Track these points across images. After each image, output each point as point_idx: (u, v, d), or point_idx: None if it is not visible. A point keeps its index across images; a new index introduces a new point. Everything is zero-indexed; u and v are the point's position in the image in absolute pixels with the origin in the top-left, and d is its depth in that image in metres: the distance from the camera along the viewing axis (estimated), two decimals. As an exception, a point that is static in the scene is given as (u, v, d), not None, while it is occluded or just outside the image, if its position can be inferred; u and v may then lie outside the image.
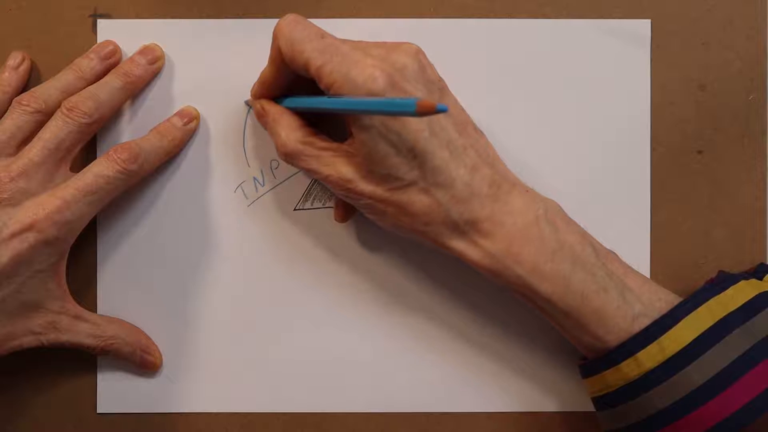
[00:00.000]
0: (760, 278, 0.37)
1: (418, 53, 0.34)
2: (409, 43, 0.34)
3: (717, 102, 0.41)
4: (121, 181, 0.37)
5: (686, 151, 0.41)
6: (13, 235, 0.35)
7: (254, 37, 0.40)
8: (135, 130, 0.40)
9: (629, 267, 0.36)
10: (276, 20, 0.40)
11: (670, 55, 0.41)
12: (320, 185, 0.41)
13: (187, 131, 0.40)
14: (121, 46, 0.40)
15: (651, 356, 0.33)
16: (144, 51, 0.40)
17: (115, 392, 0.41)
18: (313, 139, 0.36)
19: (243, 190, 0.41)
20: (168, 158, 0.39)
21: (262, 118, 0.37)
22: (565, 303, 0.34)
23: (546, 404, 0.41)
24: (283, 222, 0.41)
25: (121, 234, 0.41)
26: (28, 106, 0.37)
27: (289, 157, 0.36)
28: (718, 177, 0.41)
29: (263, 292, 0.41)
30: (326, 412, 0.41)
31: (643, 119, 0.41)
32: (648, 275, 0.41)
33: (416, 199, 0.34)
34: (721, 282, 0.36)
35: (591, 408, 0.41)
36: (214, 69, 0.41)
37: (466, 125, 0.35)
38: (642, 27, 0.41)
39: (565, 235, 0.34)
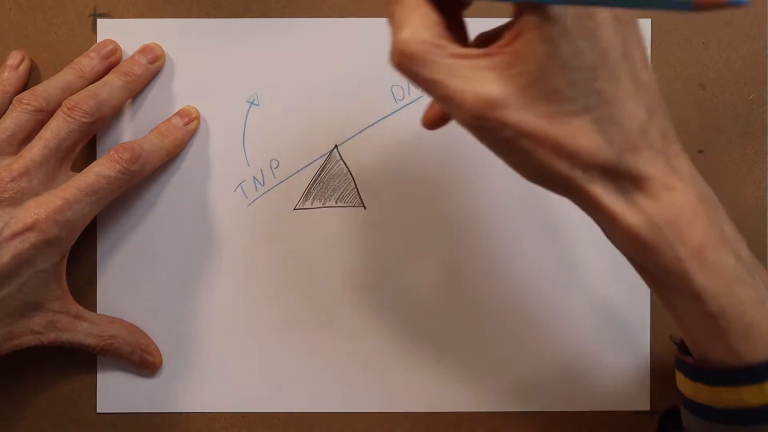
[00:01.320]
0: None
1: None
2: None
3: (717, 102, 0.41)
4: (123, 181, 0.37)
5: (687, 149, 0.40)
6: (15, 235, 0.35)
7: (254, 36, 0.40)
8: (135, 129, 0.40)
9: None
10: (276, 20, 0.40)
11: (670, 55, 0.41)
12: (320, 185, 0.41)
13: (188, 131, 0.40)
14: (121, 46, 0.40)
15: None
16: (144, 50, 0.40)
17: (115, 392, 0.41)
18: (448, 43, 0.26)
19: (243, 190, 0.41)
20: (169, 158, 0.39)
21: (392, 3, 0.28)
22: (718, 304, 0.27)
23: (547, 404, 0.41)
24: (283, 222, 0.41)
25: (121, 234, 0.41)
26: (28, 104, 0.37)
27: (408, 58, 0.26)
28: (718, 177, 0.41)
29: (263, 292, 0.41)
30: (326, 412, 0.41)
31: (643, 119, 0.41)
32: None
33: (582, 133, 0.26)
34: None
35: (591, 408, 0.41)
36: (214, 69, 0.41)
37: (648, 62, 0.28)
38: (642, 27, 0.40)
39: (727, 225, 0.28)
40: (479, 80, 0.26)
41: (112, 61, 0.39)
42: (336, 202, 0.41)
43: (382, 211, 0.41)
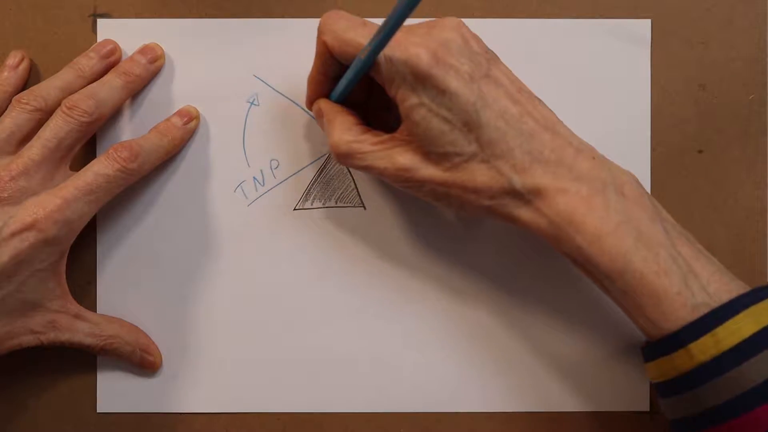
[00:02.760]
0: None
1: (460, 26, 0.34)
2: (451, 18, 0.34)
3: (717, 102, 0.41)
4: (122, 180, 0.37)
5: (686, 151, 0.41)
6: (14, 234, 0.35)
7: (254, 36, 0.40)
8: (135, 129, 0.40)
9: (703, 252, 0.34)
10: (276, 20, 0.40)
11: (670, 55, 0.41)
12: (320, 185, 0.41)
13: (187, 131, 0.40)
14: (121, 46, 0.40)
15: (704, 348, 0.31)
16: (144, 50, 0.40)
17: (115, 392, 0.41)
18: (366, 136, 0.35)
19: (243, 190, 0.41)
20: (168, 157, 0.39)
21: (318, 118, 0.37)
22: (623, 281, 0.32)
23: (546, 405, 0.41)
24: (283, 222, 0.41)
25: (121, 234, 0.41)
26: (27, 104, 0.37)
27: (342, 157, 0.35)
28: (718, 177, 0.41)
29: (263, 292, 0.41)
30: (326, 412, 0.41)
31: (643, 119, 0.41)
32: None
33: (478, 173, 0.33)
34: None
35: (591, 408, 0.41)
36: (214, 69, 0.41)
37: (520, 94, 0.34)
38: (642, 27, 0.41)
39: (632, 208, 0.33)
40: (393, 157, 0.34)
41: (111, 61, 0.39)
42: (336, 202, 0.41)
43: (382, 211, 0.41)
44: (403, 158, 0.34)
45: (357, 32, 0.34)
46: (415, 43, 0.32)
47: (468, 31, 0.34)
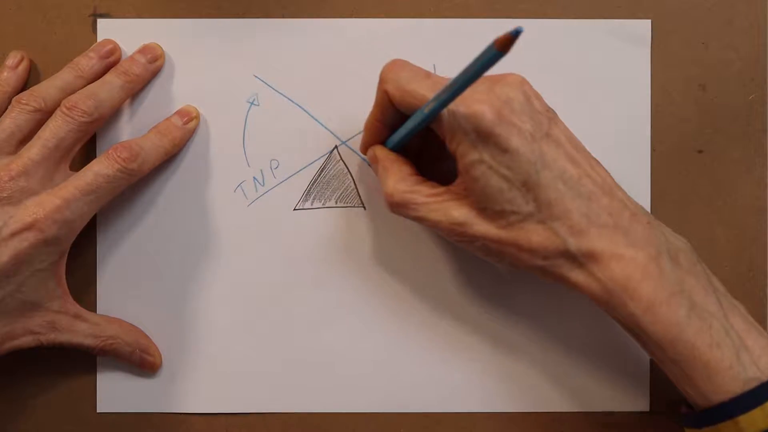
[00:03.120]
0: None
1: (523, 84, 0.33)
2: (513, 74, 0.33)
3: (717, 102, 0.41)
4: (121, 180, 0.37)
5: (686, 151, 0.41)
6: (13, 234, 0.35)
7: (254, 37, 0.40)
8: (135, 129, 0.40)
9: (754, 324, 0.33)
10: (276, 20, 0.40)
11: (670, 55, 0.41)
12: (320, 185, 0.41)
13: (187, 130, 0.40)
14: (121, 46, 0.40)
15: (753, 421, 0.31)
16: (144, 50, 0.40)
17: (115, 392, 0.41)
18: (420, 187, 0.35)
19: (243, 190, 0.41)
20: (168, 157, 0.39)
21: (373, 164, 0.37)
22: (675, 351, 0.32)
23: (546, 404, 0.41)
24: (283, 222, 0.41)
25: (121, 234, 0.41)
26: (27, 104, 0.37)
27: (396, 206, 0.35)
28: (718, 177, 0.41)
29: (263, 292, 0.41)
30: (326, 412, 0.41)
31: (643, 119, 0.41)
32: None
33: (533, 233, 0.33)
34: None
35: (591, 408, 0.41)
36: (214, 69, 0.41)
37: (579, 154, 0.34)
38: (642, 27, 0.41)
39: (686, 277, 0.33)
40: (448, 211, 0.34)
41: (111, 61, 0.39)
42: (336, 202, 0.41)
43: (382, 211, 0.41)
44: (458, 212, 0.34)
45: (420, 84, 0.33)
46: (479, 99, 0.32)
47: (530, 88, 0.34)
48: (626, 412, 0.40)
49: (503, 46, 0.27)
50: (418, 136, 0.36)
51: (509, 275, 0.40)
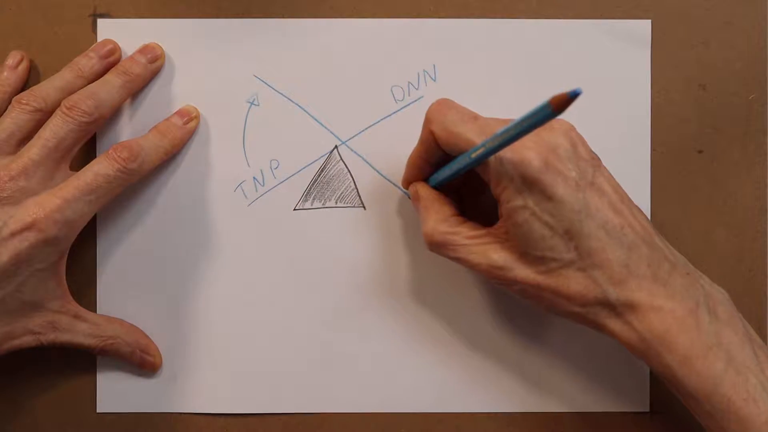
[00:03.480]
0: None
1: (570, 131, 0.33)
2: (561, 121, 0.33)
3: (717, 102, 0.41)
4: (122, 180, 0.37)
5: (686, 151, 0.41)
6: (14, 234, 0.35)
7: (254, 36, 0.40)
8: (135, 129, 0.40)
9: None
10: (276, 20, 0.40)
11: (670, 55, 0.41)
12: (320, 185, 0.41)
13: (187, 130, 0.40)
14: (121, 46, 0.40)
15: None
16: (144, 50, 0.40)
17: (115, 392, 0.41)
18: (461, 228, 0.35)
19: (243, 190, 0.41)
20: (168, 157, 0.39)
21: (414, 201, 0.38)
22: (711, 404, 0.32)
23: (546, 405, 0.41)
24: (283, 222, 0.41)
25: (121, 234, 0.41)
26: (27, 104, 0.37)
27: (436, 246, 0.35)
28: (718, 177, 0.41)
29: (263, 292, 0.41)
30: (326, 412, 0.41)
31: (643, 119, 0.41)
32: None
33: (573, 280, 0.33)
34: None
35: (591, 408, 0.41)
36: (214, 69, 0.41)
37: (622, 203, 0.34)
38: (642, 27, 0.41)
39: (724, 330, 0.33)
40: (488, 253, 0.34)
41: (111, 61, 0.39)
42: (336, 202, 0.41)
43: (382, 211, 0.41)
44: (498, 255, 0.34)
45: (467, 127, 0.33)
46: (527, 146, 0.32)
47: (577, 135, 0.34)
48: (626, 412, 0.40)
49: (559, 106, 0.27)
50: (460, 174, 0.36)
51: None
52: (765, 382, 0.32)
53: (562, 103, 0.27)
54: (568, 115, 0.37)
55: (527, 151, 0.32)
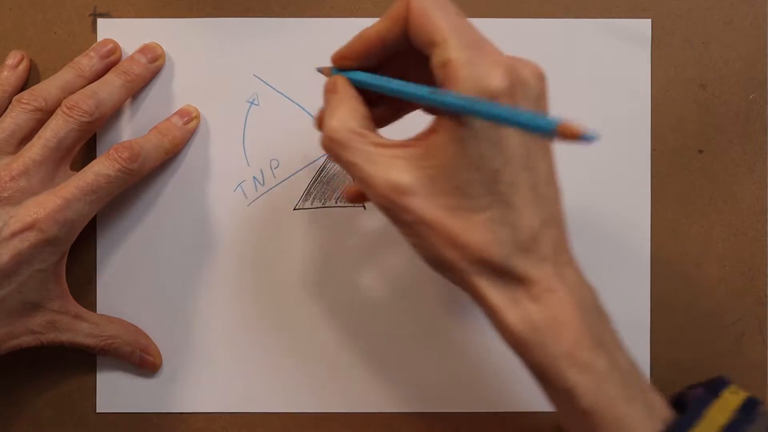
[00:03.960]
0: (716, 394, 0.33)
1: (543, 78, 0.30)
2: (534, 63, 0.30)
3: (717, 102, 0.41)
4: (122, 180, 0.37)
5: (686, 150, 0.41)
6: (14, 234, 0.35)
7: (254, 36, 0.40)
8: (135, 129, 0.40)
9: (649, 382, 0.32)
10: (276, 20, 0.40)
11: (670, 55, 0.41)
12: (320, 185, 0.41)
13: (188, 130, 0.40)
14: (121, 46, 0.40)
15: None
16: (144, 49, 0.40)
17: (115, 392, 0.41)
18: (371, 133, 0.30)
19: (243, 190, 0.41)
20: (168, 157, 0.39)
21: (328, 93, 0.32)
22: (588, 400, 0.29)
23: (546, 404, 0.41)
24: (283, 221, 0.41)
25: (121, 233, 0.41)
26: (28, 104, 0.37)
27: (334, 144, 0.30)
28: (718, 177, 0.41)
29: (263, 291, 0.41)
30: (326, 412, 0.41)
31: (643, 119, 0.41)
32: (648, 275, 0.41)
33: (476, 229, 0.28)
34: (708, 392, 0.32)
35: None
36: (214, 69, 0.41)
37: (554, 177, 0.30)
38: (642, 27, 0.41)
39: (606, 330, 0.30)
40: (392, 168, 0.29)
41: (111, 61, 0.39)
42: (336, 202, 0.41)
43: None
44: (403, 174, 0.29)
45: (448, 17, 0.28)
46: (496, 62, 0.28)
47: (546, 89, 0.30)
48: (626, 412, 0.40)
49: (562, 135, 0.23)
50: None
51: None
52: (638, 382, 0.30)
53: (568, 135, 0.23)
54: (569, 115, 0.37)
55: (494, 68, 0.27)
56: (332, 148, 0.30)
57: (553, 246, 0.29)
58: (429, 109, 0.32)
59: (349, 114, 0.30)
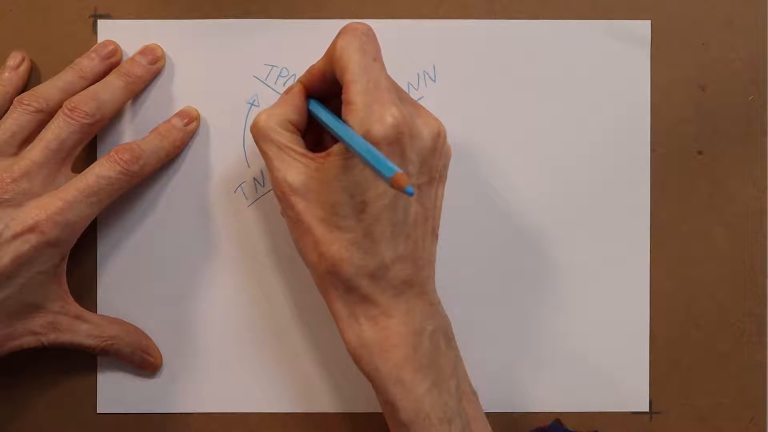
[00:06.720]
0: None
1: (439, 136, 0.34)
2: (438, 121, 0.34)
3: (717, 102, 0.41)
4: (123, 182, 0.37)
5: (686, 151, 0.41)
6: (15, 236, 0.35)
7: (254, 37, 0.40)
8: (135, 130, 0.40)
9: (483, 416, 0.36)
10: (276, 21, 0.40)
11: (670, 55, 0.41)
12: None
13: (188, 132, 0.40)
14: (121, 47, 0.40)
15: None
16: (145, 51, 0.40)
17: (115, 392, 0.41)
18: (291, 135, 0.35)
19: (243, 191, 0.41)
20: (168, 159, 0.39)
21: (283, 92, 0.37)
22: (408, 415, 0.33)
23: (546, 405, 0.41)
24: (283, 222, 0.40)
25: (122, 234, 0.41)
26: (29, 105, 0.37)
27: (260, 131, 0.34)
28: (718, 177, 0.41)
29: (263, 292, 0.41)
30: (326, 412, 0.41)
31: (643, 120, 0.41)
32: (647, 274, 0.41)
33: (336, 244, 0.33)
34: None
35: (590, 408, 0.41)
36: (214, 69, 0.41)
37: (427, 221, 0.34)
38: (642, 27, 0.41)
39: (440, 359, 0.34)
40: (291, 169, 0.34)
41: (112, 62, 0.39)
42: (336, 203, 0.41)
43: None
44: (297, 177, 0.33)
45: (360, 58, 0.33)
46: (395, 113, 0.32)
47: (443, 144, 0.34)
48: (626, 412, 0.40)
49: (395, 182, 0.28)
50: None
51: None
52: (461, 411, 0.34)
53: (398, 184, 0.28)
54: (569, 115, 0.37)
55: (384, 117, 0.32)
56: (254, 134, 0.35)
57: (402, 280, 0.33)
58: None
59: (279, 113, 0.35)
